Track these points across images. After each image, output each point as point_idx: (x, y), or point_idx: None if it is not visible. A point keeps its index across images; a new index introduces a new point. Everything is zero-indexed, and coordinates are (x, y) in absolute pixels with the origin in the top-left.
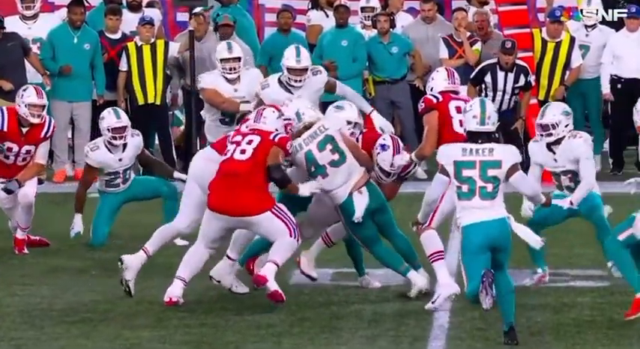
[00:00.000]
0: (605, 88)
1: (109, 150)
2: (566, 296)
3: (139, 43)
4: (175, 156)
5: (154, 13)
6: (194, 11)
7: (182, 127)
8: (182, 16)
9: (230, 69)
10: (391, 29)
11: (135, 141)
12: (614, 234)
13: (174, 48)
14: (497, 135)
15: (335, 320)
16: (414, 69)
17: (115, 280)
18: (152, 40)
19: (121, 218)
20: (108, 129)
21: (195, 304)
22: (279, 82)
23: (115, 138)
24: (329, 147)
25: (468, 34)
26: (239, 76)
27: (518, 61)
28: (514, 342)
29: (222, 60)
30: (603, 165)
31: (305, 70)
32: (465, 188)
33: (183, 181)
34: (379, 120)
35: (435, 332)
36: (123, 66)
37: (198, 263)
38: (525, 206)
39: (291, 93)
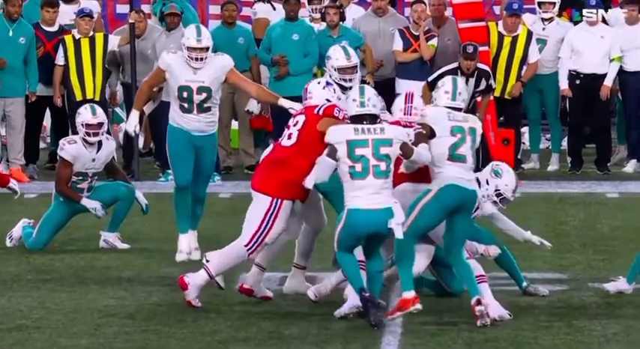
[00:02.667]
0: (563, 84)
1: (84, 146)
2: (523, 300)
3: (77, 36)
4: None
5: (93, 5)
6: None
7: (122, 124)
8: (122, 9)
9: (196, 58)
10: (341, 22)
11: (110, 145)
12: None
13: (114, 42)
14: (376, 117)
15: (283, 326)
16: (365, 64)
17: (51, 284)
18: (91, 33)
19: None
20: (82, 125)
21: (137, 310)
22: (327, 83)
23: (89, 134)
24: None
25: (426, 28)
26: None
27: (479, 65)
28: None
29: (188, 47)
30: (561, 163)
31: (355, 66)
32: (358, 167)
33: (139, 204)
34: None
35: (387, 338)
36: (60, 60)
37: (275, 249)
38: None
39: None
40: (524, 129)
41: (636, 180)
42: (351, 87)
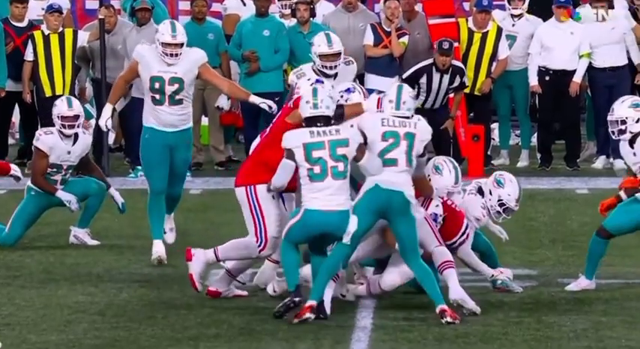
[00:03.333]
0: (533, 80)
1: (60, 138)
2: (493, 296)
3: (47, 32)
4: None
5: (62, 1)
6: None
7: (92, 120)
8: (92, 4)
9: (171, 54)
10: (311, 18)
11: (86, 139)
12: None
13: (84, 37)
14: (329, 119)
15: (254, 322)
16: None
17: (21, 281)
18: (60, 29)
19: None
20: (58, 117)
21: (107, 307)
22: (313, 71)
23: (64, 126)
24: None
25: (399, 25)
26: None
27: (454, 62)
28: (322, 316)
29: (163, 43)
30: (531, 159)
31: (339, 54)
32: (317, 169)
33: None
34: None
35: (357, 334)
36: (29, 55)
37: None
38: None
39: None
40: (494, 126)
41: (605, 176)
42: (334, 76)
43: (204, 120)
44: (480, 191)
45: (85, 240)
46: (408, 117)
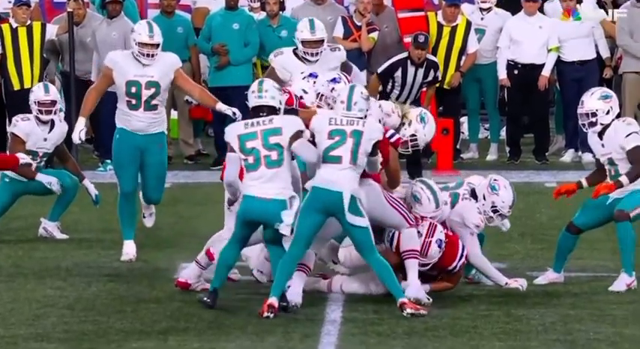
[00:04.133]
0: (502, 74)
1: (37, 125)
2: (462, 289)
3: (15, 25)
4: None
5: None
6: None
7: (61, 114)
8: None
9: (147, 55)
10: (281, 12)
11: (62, 127)
12: None
13: (52, 30)
14: (275, 109)
15: (223, 315)
16: None
17: None
18: (28, 22)
19: None
20: (35, 103)
21: (76, 301)
22: (295, 54)
23: (41, 112)
24: None
25: (370, 20)
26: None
27: (429, 56)
28: (208, 304)
29: (140, 43)
30: (500, 153)
31: (321, 41)
32: (250, 159)
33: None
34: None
35: (327, 327)
36: None
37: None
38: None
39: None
40: (463, 119)
41: (574, 169)
42: (315, 62)
43: (174, 114)
44: (473, 194)
45: (54, 233)
46: (360, 118)
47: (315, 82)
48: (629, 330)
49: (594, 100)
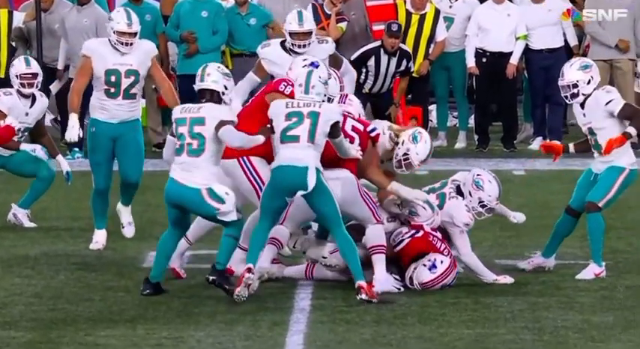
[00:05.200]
0: (470, 62)
1: (19, 99)
2: None
3: None
4: None
5: None
6: None
7: None
8: None
9: (125, 43)
10: (249, 0)
11: (43, 102)
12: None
13: (19, 18)
14: (218, 94)
15: (192, 304)
16: None
17: None
18: None
19: None
20: (17, 76)
21: (44, 289)
22: (282, 46)
23: (23, 85)
24: None
25: (340, 10)
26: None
27: (402, 46)
28: (146, 292)
29: (118, 32)
30: (468, 141)
31: (310, 33)
32: (178, 144)
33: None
34: None
35: (296, 315)
36: None
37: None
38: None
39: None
40: (432, 107)
41: (542, 157)
42: (302, 54)
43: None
44: (459, 191)
45: (22, 221)
46: (317, 102)
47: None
48: (597, 317)
49: (574, 71)
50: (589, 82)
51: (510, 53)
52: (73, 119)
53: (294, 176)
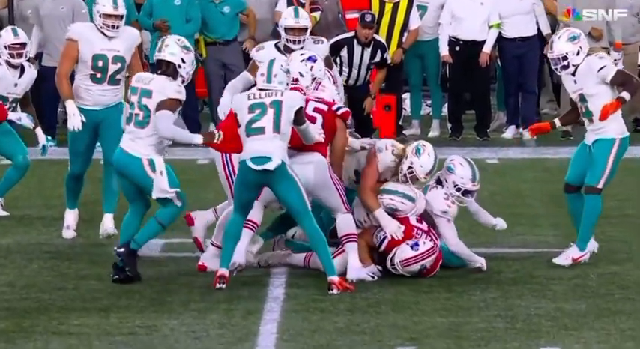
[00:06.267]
0: (444, 50)
1: (8, 69)
2: None
3: None
4: None
5: None
6: None
7: None
8: None
9: (112, 26)
10: None
11: (32, 72)
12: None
13: None
14: (174, 66)
15: (165, 292)
16: (248, 28)
17: None
18: None
19: None
20: (5, 47)
21: (16, 278)
22: (277, 48)
23: (12, 55)
24: None
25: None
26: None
27: (376, 37)
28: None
29: (104, 14)
30: (442, 129)
31: (305, 29)
32: (128, 113)
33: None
34: None
35: (270, 304)
36: None
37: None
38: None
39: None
40: (406, 95)
41: (515, 145)
42: (296, 50)
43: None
44: (439, 182)
45: None
46: (279, 90)
47: (312, 67)
48: (570, 305)
49: (563, 43)
50: (578, 53)
51: (483, 42)
52: (72, 106)
53: (261, 165)
